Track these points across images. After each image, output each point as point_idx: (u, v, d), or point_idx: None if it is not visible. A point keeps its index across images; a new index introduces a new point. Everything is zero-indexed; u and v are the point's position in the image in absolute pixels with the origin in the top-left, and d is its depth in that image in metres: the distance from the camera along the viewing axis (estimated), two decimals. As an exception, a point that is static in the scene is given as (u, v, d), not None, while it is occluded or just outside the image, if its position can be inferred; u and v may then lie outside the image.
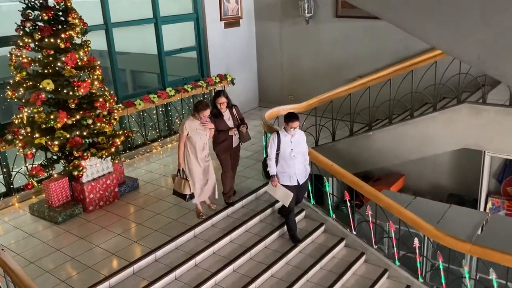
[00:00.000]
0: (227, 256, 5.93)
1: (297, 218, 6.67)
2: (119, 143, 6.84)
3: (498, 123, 7.10)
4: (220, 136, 6.38)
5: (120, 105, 8.18)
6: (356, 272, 6.08)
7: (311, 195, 6.90)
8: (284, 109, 7.89)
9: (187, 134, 6.02)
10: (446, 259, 5.52)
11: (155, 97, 8.83)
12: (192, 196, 6.17)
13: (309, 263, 6.00)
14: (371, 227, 6.21)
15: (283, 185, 6.00)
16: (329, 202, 6.77)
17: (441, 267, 5.57)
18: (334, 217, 6.72)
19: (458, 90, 7.53)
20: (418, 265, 5.85)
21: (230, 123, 6.44)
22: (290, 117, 5.89)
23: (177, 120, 9.57)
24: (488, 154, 8.27)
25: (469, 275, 5.48)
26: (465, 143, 7.57)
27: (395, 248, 6.04)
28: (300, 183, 6.08)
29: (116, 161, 7.09)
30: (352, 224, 6.44)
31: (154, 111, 9.12)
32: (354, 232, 6.46)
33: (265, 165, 6.50)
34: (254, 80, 11.55)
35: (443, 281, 5.63)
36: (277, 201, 6.67)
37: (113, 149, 6.74)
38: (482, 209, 8.63)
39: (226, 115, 6.43)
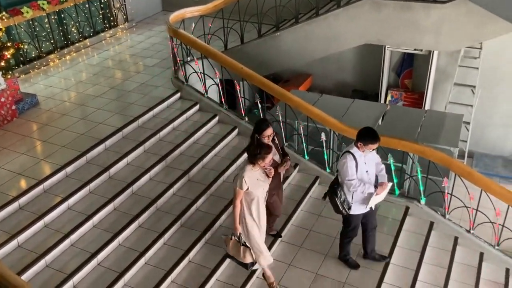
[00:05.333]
0: (142, 166, 5.90)
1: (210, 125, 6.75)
2: (8, 56, 6.33)
3: (397, 17, 7.37)
4: None
5: (4, 13, 7.36)
6: (269, 169, 6.36)
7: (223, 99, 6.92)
8: (189, 12, 7.57)
9: (247, 189, 4.48)
10: (351, 150, 5.93)
11: (44, 4, 8.02)
12: (254, 262, 4.76)
13: (225, 165, 6.16)
14: (282, 126, 6.43)
15: (350, 215, 4.87)
16: (241, 106, 6.84)
17: (346, 157, 5.99)
18: (247, 119, 6.84)
19: (360, -14, 7.60)
20: (326, 157, 6.25)
21: (276, 158, 4.96)
22: (372, 136, 4.53)
23: (73, 29, 8.83)
24: (388, 49, 8.70)
25: (371, 162, 5.98)
26: (367, 39, 7.84)
27: (304, 144, 6.37)
28: (373, 208, 4.96)
29: (9, 77, 6.54)
30: (263, 124, 6.60)
31: (46, 20, 8.31)
32: (266, 132, 6.64)
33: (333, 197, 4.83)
34: (155, -18, 10.78)
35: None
36: None
37: (2, 63, 6.19)
38: (382, 101, 9.24)
39: None
